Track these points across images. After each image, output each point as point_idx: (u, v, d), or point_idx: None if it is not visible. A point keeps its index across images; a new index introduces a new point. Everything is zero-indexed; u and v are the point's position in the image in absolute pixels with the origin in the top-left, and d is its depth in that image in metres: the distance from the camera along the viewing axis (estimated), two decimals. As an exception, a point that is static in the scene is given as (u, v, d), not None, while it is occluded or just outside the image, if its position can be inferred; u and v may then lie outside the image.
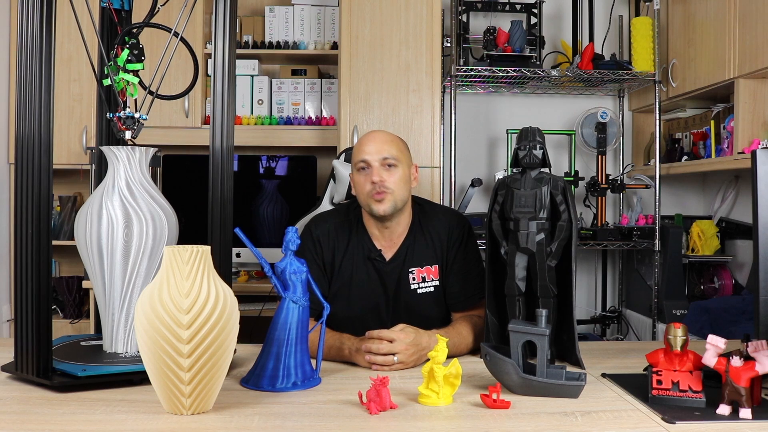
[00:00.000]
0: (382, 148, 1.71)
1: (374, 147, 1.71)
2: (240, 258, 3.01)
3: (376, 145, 1.71)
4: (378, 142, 1.72)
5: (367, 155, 1.70)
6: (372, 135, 1.75)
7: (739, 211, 3.18)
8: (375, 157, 1.70)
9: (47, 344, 1.33)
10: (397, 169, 1.71)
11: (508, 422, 1.18)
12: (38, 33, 1.30)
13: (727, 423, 1.17)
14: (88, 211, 1.44)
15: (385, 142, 1.72)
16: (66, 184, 3.29)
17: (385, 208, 1.69)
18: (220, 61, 1.42)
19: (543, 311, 1.36)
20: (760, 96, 2.61)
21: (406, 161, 1.75)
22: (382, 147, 1.71)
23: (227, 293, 1.20)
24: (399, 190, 1.71)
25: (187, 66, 1.63)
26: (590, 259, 3.55)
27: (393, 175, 1.70)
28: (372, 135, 1.75)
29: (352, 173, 1.77)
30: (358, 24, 2.96)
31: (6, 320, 3.11)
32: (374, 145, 1.71)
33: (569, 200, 1.53)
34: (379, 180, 1.68)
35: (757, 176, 1.35)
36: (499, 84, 3.31)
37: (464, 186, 3.26)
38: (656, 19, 3.10)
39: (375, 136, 1.74)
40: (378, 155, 1.70)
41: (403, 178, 1.72)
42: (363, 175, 1.72)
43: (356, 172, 1.74)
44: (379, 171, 1.69)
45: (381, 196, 1.68)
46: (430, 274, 1.77)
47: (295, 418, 1.19)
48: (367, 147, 1.71)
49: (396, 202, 1.71)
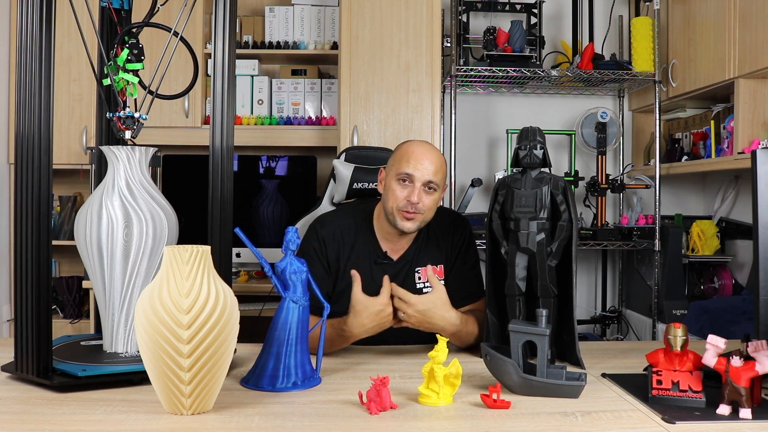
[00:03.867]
0: (431, 171, 1.67)
1: (425, 167, 1.67)
2: (240, 258, 3.01)
3: (426, 165, 1.67)
4: (430, 162, 1.67)
5: (416, 172, 1.66)
6: (425, 152, 1.69)
7: (739, 211, 3.18)
8: (422, 176, 1.66)
9: (47, 344, 1.33)
10: (435, 193, 1.70)
11: (508, 422, 1.18)
12: (38, 33, 1.30)
13: (727, 423, 1.17)
14: (88, 211, 1.43)
15: (434, 163, 1.68)
16: (66, 184, 3.29)
17: (411, 227, 1.69)
18: (220, 61, 1.42)
19: (543, 311, 1.36)
20: (760, 96, 2.61)
21: (443, 186, 1.73)
22: (431, 169, 1.67)
23: (227, 293, 1.20)
24: (429, 213, 1.70)
25: (187, 66, 1.62)
26: (590, 259, 3.55)
27: (429, 198, 1.69)
28: (425, 152, 1.69)
29: (386, 175, 1.74)
30: (358, 24, 2.96)
31: (6, 320, 3.11)
32: (425, 165, 1.67)
33: (570, 200, 1.53)
34: (418, 202, 1.66)
35: (757, 176, 1.35)
36: (499, 84, 3.31)
37: (464, 186, 3.26)
38: (656, 19, 3.10)
39: (428, 154, 1.68)
40: (425, 176, 1.66)
41: (437, 202, 1.72)
42: (401, 186, 1.68)
43: (394, 179, 1.69)
44: (420, 192, 1.66)
45: (412, 216, 1.67)
46: (435, 273, 1.77)
47: (295, 418, 1.19)
48: (420, 164, 1.67)
49: (421, 223, 1.71)
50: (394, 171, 1.70)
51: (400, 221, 1.69)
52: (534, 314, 1.37)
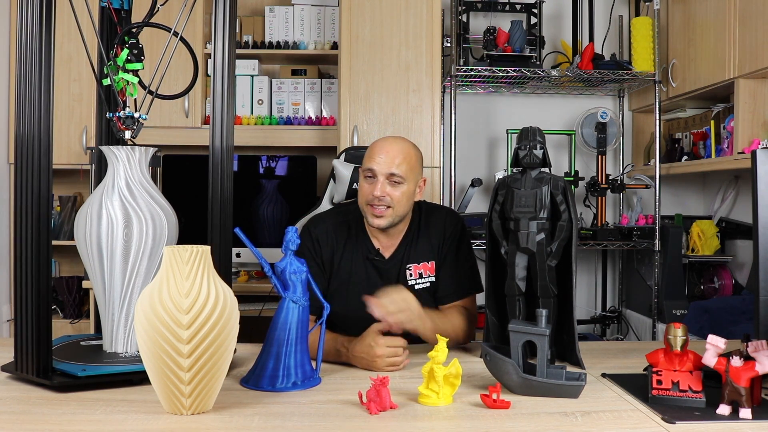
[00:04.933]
0: (392, 163, 1.65)
1: (385, 159, 1.66)
2: (240, 258, 3.01)
3: (387, 157, 1.66)
4: (390, 155, 1.66)
5: (375, 165, 1.66)
6: (386, 145, 1.69)
7: (739, 211, 3.17)
8: (383, 169, 1.66)
9: (47, 344, 1.33)
10: (402, 185, 1.67)
11: (508, 422, 1.18)
12: (38, 33, 1.30)
13: (727, 423, 1.17)
14: (88, 211, 1.44)
15: (396, 156, 1.66)
16: (66, 184, 3.29)
17: (381, 223, 1.68)
18: (220, 61, 1.42)
19: (543, 311, 1.36)
20: (760, 96, 2.61)
21: (414, 177, 1.70)
22: (392, 161, 1.66)
23: (227, 293, 1.20)
24: (400, 206, 1.68)
25: (187, 66, 1.62)
26: (590, 259, 3.55)
27: (396, 191, 1.67)
28: (386, 145, 1.69)
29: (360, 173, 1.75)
30: (358, 24, 2.96)
31: (6, 320, 3.11)
32: (385, 157, 1.66)
33: (569, 200, 1.53)
34: (381, 194, 1.65)
35: (757, 176, 1.35)
36: (499, 84, 3.31)
37: (464, 186, 3.26)
38: (656, 19, 3.10)
39: (389, 148, 1.68)
40: (386, 169, 1.65)
41: (407, 194, 1.69)
42: (367, 182, 1.69)
43: (362, 176, 1.70)
44: (383, 185, 1.65)
45: (379, 212, 1.66)
46: (426, 270, 1.77)
47: (295, 418, 1.19)
48: (378, 157, 1.66)
49: (394, 218, 1.69)
50: (362, 169, 1.71)
51: (370, 218, 1.68)
52: (534, 314, 1.38)
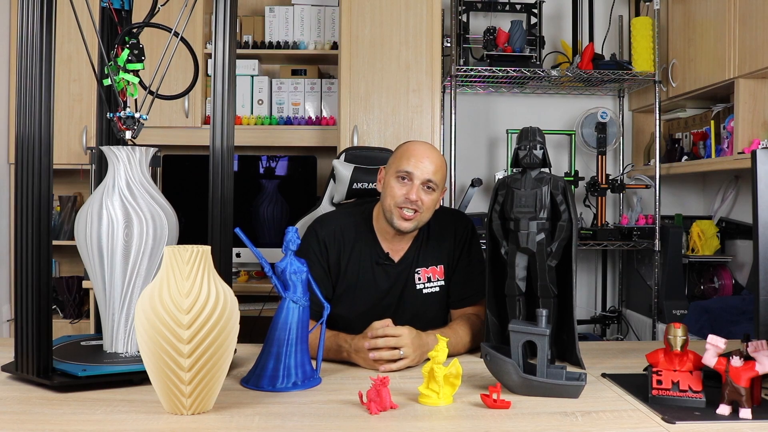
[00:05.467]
0: (431, 170, 1.67)
1: (425, 165, 1.67)
2: (240, 258, 3.01)
3: (426, 163, 1.67)
4: (430, 161, 1.68)
5: (415, 170, 1.67)
6: (426, 151, 1.70)
7: (739, 211, 3.18)
8: (422, 174, 1.67)
9: (47, 344, 1.33)
10: (434, 193, 1.70)
11: (508, 422, 1.18)
12: (38, 33, 1.30)
13: (727, 423, 1.17)
14: (88, 211, 1.44)
15: (434, 163, 1.69)
16: (66, 184, 3.29)
17: (407, 227, 1.69)
18: (220, 61, 1.42)
19: (543, 311, 1.36)
20: (760, 96, 2.61)
21: (442, 187, 1.73)
22: (431, 168, 1.67)
23: (227, 293, 1.20)
24: (427, 213, 1.70)
25: (187, 66, 1.62)
26: (590, 259, 3.55)
27: (428, 197, 1.69)
28: (426, 151, 1.70)
29: (386, 173, 1.74)
30: (358, 24, 2.96)
31: (6, 320, 3.11)
32: (425, 164, 1.67)
33: (569, 200, 1.53)
34: (416, 200, 1.66)
35: (757, 176, 1.35)
36: (499, 84, 3.31)
37: (464, 186, 3.26)
38: (656, 19, 3.10)
39: (429, 154, 1.69)
40: (424, 175, 1.67)
41: (435, 202, 1.72)
42: (400, 184, 1.68)
43: (394, 176, 1.70)
44: (419, 190, 1.67)
45: (408, 216, 1.67)
46: (435, 274, 1.77)
47: (295, 418, 1.19)
48: (420, 162, 1.67)
49: (419, 223, 1.71)
50: (394, 169, 1.70)
51: (398, 220, 1.68)
52: (534, 314, 1.37)
